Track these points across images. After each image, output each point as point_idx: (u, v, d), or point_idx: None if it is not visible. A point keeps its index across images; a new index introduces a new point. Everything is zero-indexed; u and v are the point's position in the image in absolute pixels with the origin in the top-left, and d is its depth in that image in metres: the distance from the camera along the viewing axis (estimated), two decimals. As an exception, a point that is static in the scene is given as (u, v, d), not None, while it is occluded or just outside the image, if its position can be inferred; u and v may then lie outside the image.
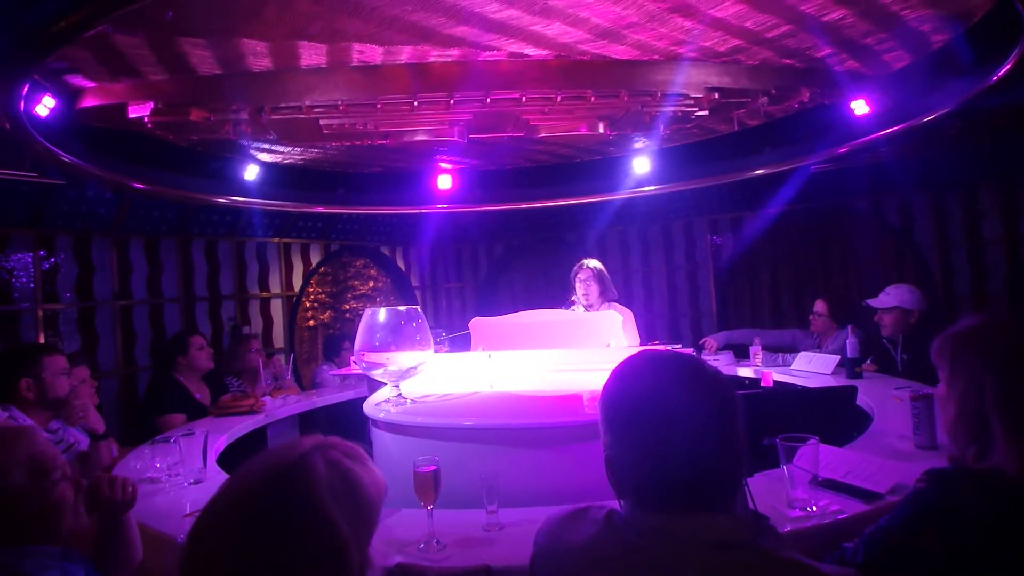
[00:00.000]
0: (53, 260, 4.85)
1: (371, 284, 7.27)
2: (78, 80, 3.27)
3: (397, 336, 2.68)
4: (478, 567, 1.70)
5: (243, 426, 3.72)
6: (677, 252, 6.99)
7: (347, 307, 6.95)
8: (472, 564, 1.72)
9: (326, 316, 6.77)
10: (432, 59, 3.21)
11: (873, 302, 4.15)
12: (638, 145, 5.12)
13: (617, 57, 3.39)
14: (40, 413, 3.02)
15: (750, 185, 5.79)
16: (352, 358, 3.79)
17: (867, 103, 4.02)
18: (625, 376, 1.16)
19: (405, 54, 3.17)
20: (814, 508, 1.86)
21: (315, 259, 6.74)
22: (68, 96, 3.36)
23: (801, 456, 1.87)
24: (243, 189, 4.88)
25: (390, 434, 2.62)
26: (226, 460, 3.13)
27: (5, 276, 4.58)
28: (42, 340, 4.67)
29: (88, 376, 3.45)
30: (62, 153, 3.30)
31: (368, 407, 2.75)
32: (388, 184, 5.52)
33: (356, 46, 3.06)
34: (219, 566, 0.94)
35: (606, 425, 1.14)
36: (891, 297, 4.10)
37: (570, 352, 3.43)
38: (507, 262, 7.82)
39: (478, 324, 3.93)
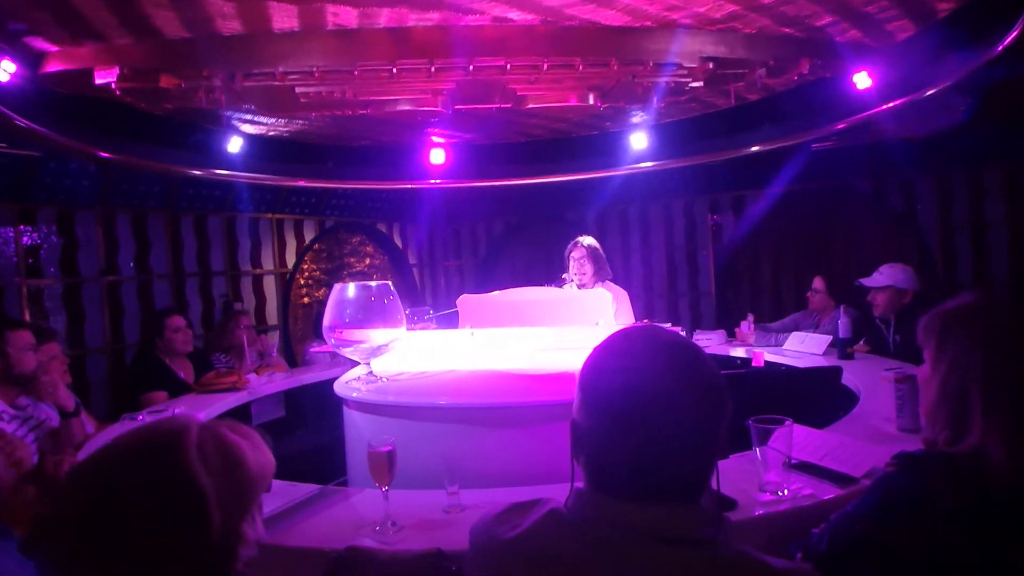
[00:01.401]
0: (36, 235, 4.77)
1: (368, 261, 7.17)
2: (39, 43, 3.15)
3: (368, 312, 2.58)
4: (430, 551, 1.62)
5: (224, 403, 3.64)
6: (677, 231, 6.84)
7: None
8: (425, 547, 1.64)
9: (321, 294, 6.67)
10: (411, 23, 3.08)
11: (866, 281, 4.04)
12: (635, 120, 4.98)
13: (607, 23, 3.25)
14: (6, 389, 2.95)
15: (751, 163, 5.63)
16: (334, 334, 3.73)
17: (870, 75, 3.86)
18: (612, 348, 1.07)
19: (383, 18, 3.04)
20: (786, 492, 1.78)
21: (309, 235, 6.63)
22: (31, 61, 3.25)
23: (776, 438, 1.78)
24: (228, 162, 4.78)
25: (360, 413, 2.54)
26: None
27: (-13, 250, 4.51)
28: (27, 317, 4.61)
29: (59, 353, 3.38)
30: (16, 117, 3.18)
31: (339, 386, 2.67)
32: (380, 158, 5.40)
33: (330, 8, 2.93)
34: (78, 514, 0.94)
35: (579, 393, 1.06)
36: (884, 276, 3.99)
37: (555, 330, 3.33)
38: (506, 240, 7.70)
39: (466, 301, 3.84)
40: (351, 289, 2.60)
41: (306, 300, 6.59)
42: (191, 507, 0.95)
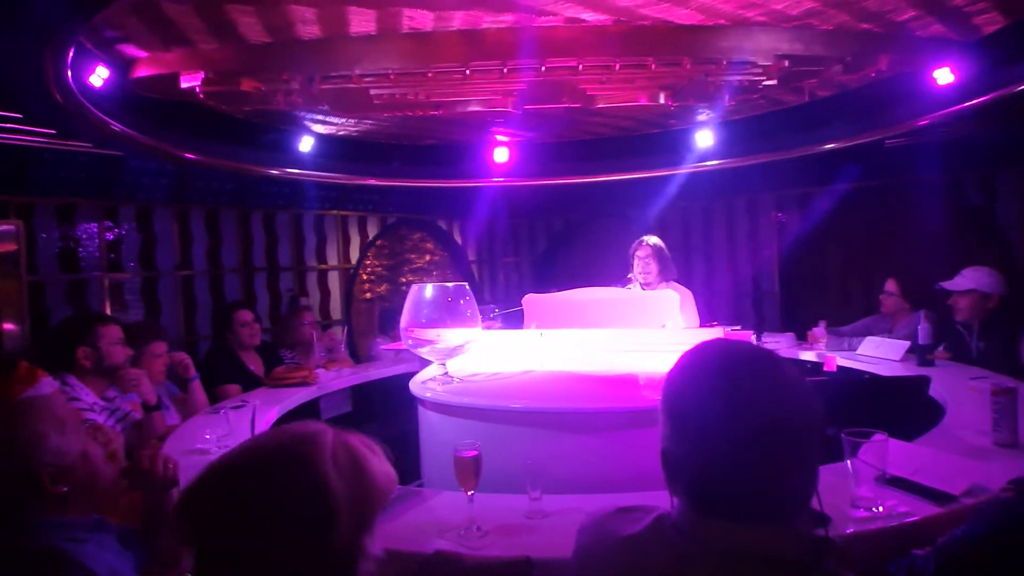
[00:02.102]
0: (117, 230, 4.99)
1: (427, 258, 7.25)
2: (131, 50, 3.29)
3: (444, 313, 2.62)
4: (518, 558, 1.62)
5: (296, 398, 3.75)
6: (739, 229, 6.71)
7: (404, 280, 6.95)
8: (512, 554, 1.64)
9: (383, 289, 6.80)
10: (485, 25, 3.10)
11: (947, 284, 3.89)
12: (701, 118, 4.90)
13: (679, 22, 3.21)
14: (97, 381, 3.08)
15: (817, 160, 5.46)
16: (407, 333, 3.80)
17: (952, 71, 3.72)
18: (692, 366, 1.05)
19: (457, 20, 3.07)
20: (880, 508, 1.71)
21: (372, 232, 6.75)
22: (122, 66, 3.39)
23: (866, 451, 1.72)
24: (298, 161, 4.90)
25: (436, 414, 2.58)
26: (278, 431, 3.13)
27: (73, 245, 4.73)
28: (108, 309, 4.83)
29: (165, 351, 3.51)
30: (111, 121, 3.33)
31: (414, 386, 2.71)
32: (444, 156, 5.46)
33: (406, 12, 2.97)
34: (211, 513, 0.96)
35: (665, 415, 1.04)
36: (967, 279, 3.83)
37: (625, 332, 3.31)
38: (565, 237, 7.68)
39: (532, 301, 3.84)
40: (428, 290, 2.65)
41: (368, 296, 6.71)
42: (322, 512, 0.95)
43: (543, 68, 3.27)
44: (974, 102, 3.91)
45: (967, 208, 5.72)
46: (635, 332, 3.35)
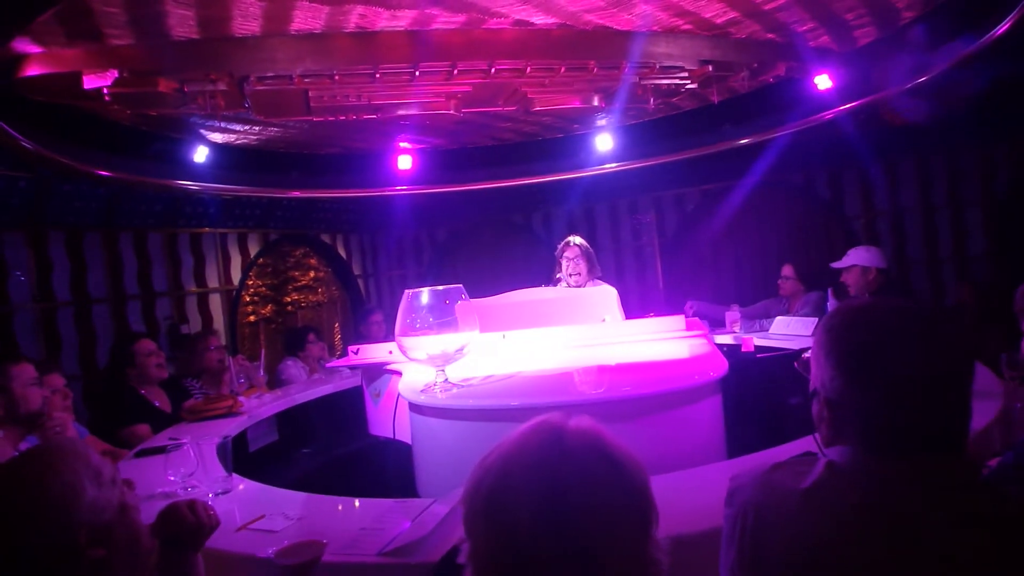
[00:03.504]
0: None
1: (312, 274, 6.85)
2: (23, 45, 2.83)
3: (440, 317, 2.51)
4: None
5: (224, 430, 3.38)
6: (623, 230, 7.07)
7: (288, 299, 6.52)
8: None
9: (268, 310, 6.32)
10: (437, 26, 3.03)
11: (835, 264, 4.38)
12: (601, 123, 5.10)
13: (618, 28, 3.34)
14: (11, 431, 2.61)
15: (694, 163, 5.89)
16: (351, 348, 3.57)
17: (830, 78, 4.19)
18: (868, 320, 1.15)
19: (410, 19, 2.96)
20: None
21: (253, 250, 6.27)
22: (5, 65, 2.91)
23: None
24: (184, 173, 4.47)
25: (440, 420, 2.46)
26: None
27: None
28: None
29: (63, 385, 3.02)
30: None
31: (410, 393, 2.57)
32: (344, 166, 5.22)
33: (359, 9, 2.82)
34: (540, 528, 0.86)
35: (837, 369, 1.13)
36: (849, 257, 4.34)
37: (585, 328, 3.39)
38: (451, 247, 7.63)
39: (465, 307, 3.77)
40: (424, 295, 2.53)
41: (252, 318, 6.22)
42: (642, 508, 0.92)
43: (492, 70, 3.25)
44: (842, 108, 4.46)
45: (819, 201, 6.48)
46: (595, 327, 3.44)
